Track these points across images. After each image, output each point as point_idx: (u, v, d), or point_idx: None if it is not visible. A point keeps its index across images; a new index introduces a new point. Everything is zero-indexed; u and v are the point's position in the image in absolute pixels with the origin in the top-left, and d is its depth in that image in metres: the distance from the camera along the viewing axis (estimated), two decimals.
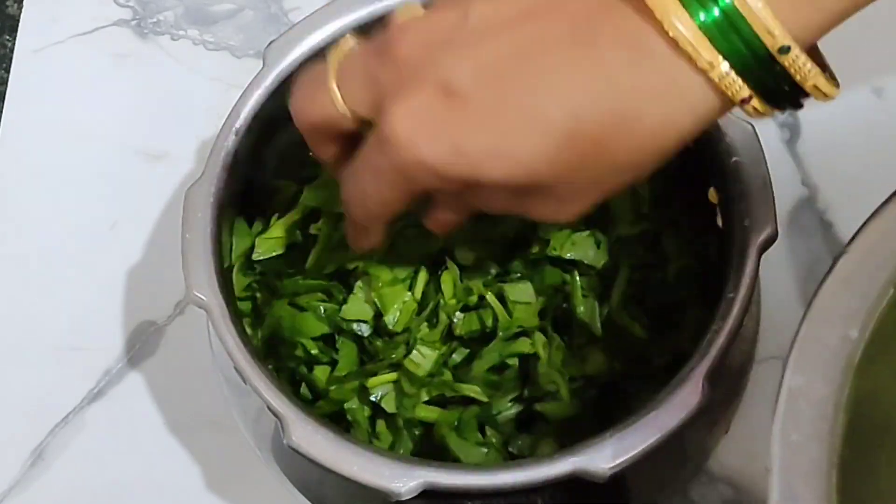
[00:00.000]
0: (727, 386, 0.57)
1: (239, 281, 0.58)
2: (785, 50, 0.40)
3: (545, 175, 0.42)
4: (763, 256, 0.52)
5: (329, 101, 0.46)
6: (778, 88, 0.41)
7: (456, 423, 0.55)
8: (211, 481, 0.66)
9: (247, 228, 0.59)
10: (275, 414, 0.50)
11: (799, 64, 0.41)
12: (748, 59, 0.40)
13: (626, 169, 0.43)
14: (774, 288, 0.66)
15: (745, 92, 0.40)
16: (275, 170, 0.60)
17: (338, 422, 0.55)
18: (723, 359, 0.50)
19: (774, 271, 0.52)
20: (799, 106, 0.43)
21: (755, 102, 0.41)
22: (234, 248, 0.58)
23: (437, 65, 0.42)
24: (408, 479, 0.48)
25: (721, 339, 0.50)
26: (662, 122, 0.41)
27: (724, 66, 0.40)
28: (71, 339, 0.70)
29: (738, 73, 0.40)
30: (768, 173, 0.52)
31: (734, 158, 0.53)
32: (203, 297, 0.52)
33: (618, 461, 0.48)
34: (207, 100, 0.75)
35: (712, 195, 0.56)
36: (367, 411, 0.55)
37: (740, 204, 0.52)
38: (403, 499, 0.48)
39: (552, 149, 0.41)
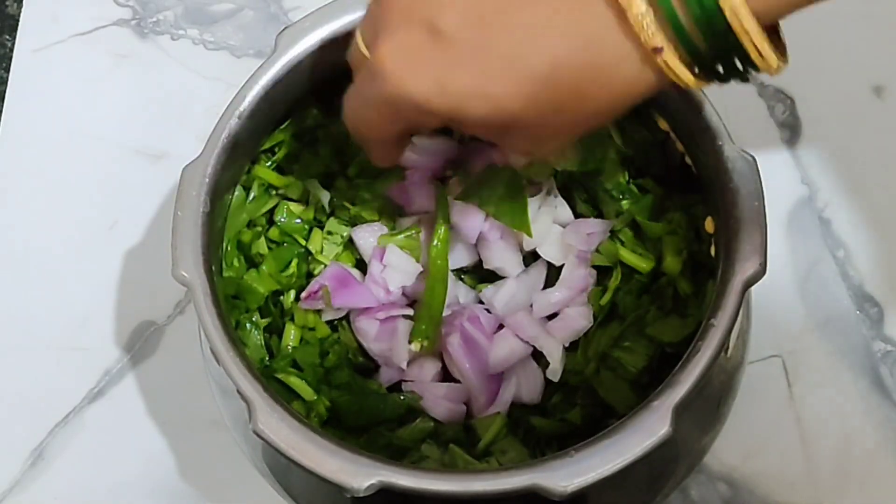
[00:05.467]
0: (717, 388, 0.57)
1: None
2: None
3: (522, 116, 0.45)
4: None
5: (356, 45, 0.49)
6: (715, 43, 0.42)
7: None
8: (211, 481, 0.66)
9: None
10: (243, 398, 0.50)
11: (741, 16, 0.41)
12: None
13: (596, 115, 0.46)
14: (773, 286, 0.66)
15: (658, 40, 0.42)
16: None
17: None
18: (696, 389, 0.49)
19: (773, 269, 0.52)
20: (730, 75, 0.44)
21: (668, 56, 0.43)
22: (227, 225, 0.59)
23: (425, 6, 0.45)
24: (366, 477, 0.48)
25: (696, 371, 0.49)
26: (632, 77, 0.44)
27: (642, 5, 0.42)
28: (71, 339, 0.70)
29: (663, 16, 0.42)
30: (764, 208, 0.52)
31: (731, 189, 0.52)
32: (186, 275, 0.52)
33: (576, 481, 0.47)
34: (207, 100, 0.75)
35: (709, 224, 0.56)
36: None
37: (732, 236, 0.51)
38: (360, 496, 0.48)
39: (530, 93, 0.44)
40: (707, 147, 0.53)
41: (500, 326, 0.60)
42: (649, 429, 0.48)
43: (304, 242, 0.62)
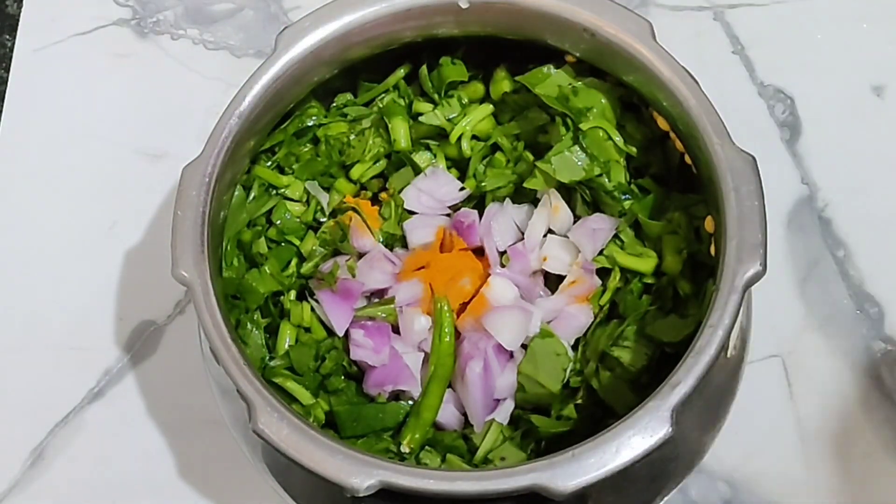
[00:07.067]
0: (717, 388, 0.57)
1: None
2: None
3: None
4: None
5: None
6: None
7: None
8: (210, 481, 0.66)
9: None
10: (243, 398, 0.50)
11: None
12: None
13: None
14: (773, 286, 0.66)
15: None
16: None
17: None
18: (696, 389, 0.49)
19: (773, 269, 0.52)
20: None
21: None
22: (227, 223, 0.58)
23: None
24: (367, 476, 0.48)
25: (696, 371, 0.49)
26: None
27: None
28: (71, 339, 0.70)
29: None
30: (764, 207, 0.51)
31: (731, 188, 0.52)
32: (186, 275, 0.52)
33: (577, 481, 0.47)
34: (207, 99, 0.75)
35: (709, 224, 0.56)
36: None
37: (732, 236, 0.51)
38: (361, 495, 0.48)
39: None
40: (707, 147, 0.53)
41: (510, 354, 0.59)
42: (649, 429, 0.48)
43: (297, 243, 0.62)
